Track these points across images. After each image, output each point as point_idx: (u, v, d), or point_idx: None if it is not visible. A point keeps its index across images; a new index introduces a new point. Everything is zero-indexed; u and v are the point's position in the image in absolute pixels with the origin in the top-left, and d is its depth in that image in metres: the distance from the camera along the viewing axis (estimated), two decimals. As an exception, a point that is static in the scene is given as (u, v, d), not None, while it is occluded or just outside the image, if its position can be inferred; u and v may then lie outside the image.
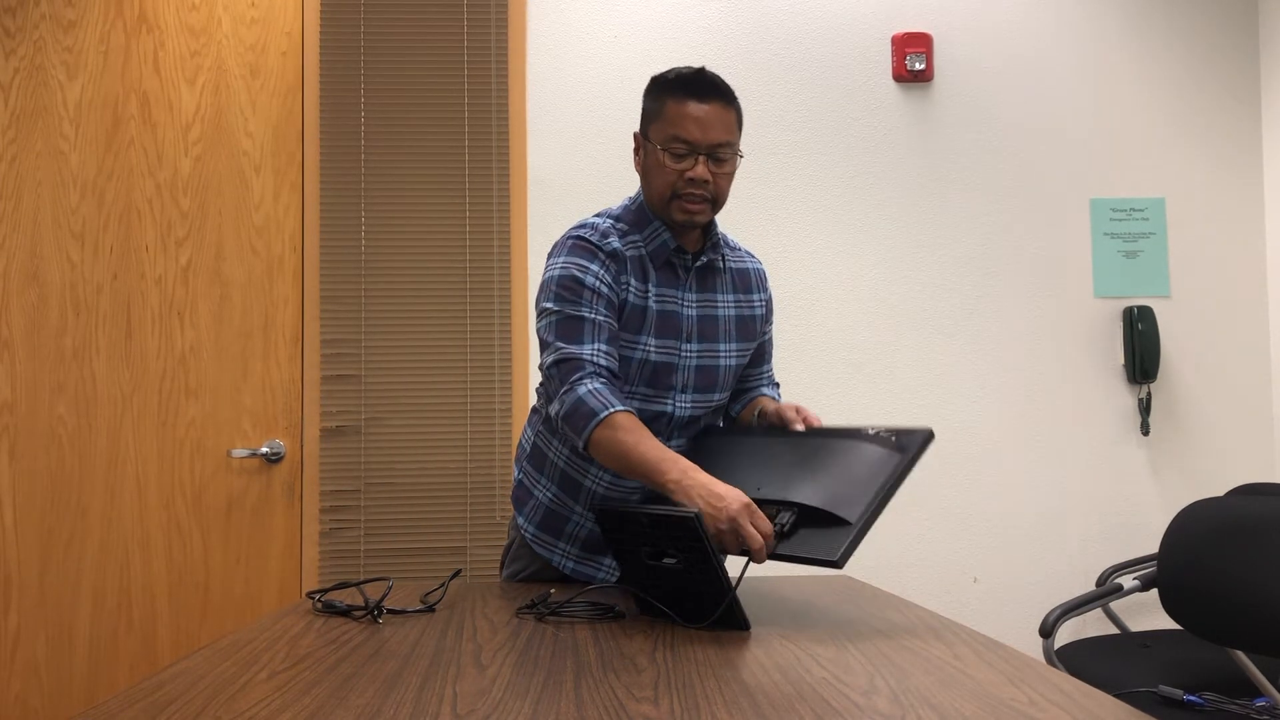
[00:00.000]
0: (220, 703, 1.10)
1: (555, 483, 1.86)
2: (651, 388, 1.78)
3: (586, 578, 1.88)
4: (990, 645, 1.34)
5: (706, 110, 1.71)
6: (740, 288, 1.88)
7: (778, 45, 2.94)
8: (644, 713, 1.04)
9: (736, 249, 1.93)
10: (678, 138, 1.71)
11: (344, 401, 2.74)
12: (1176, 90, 3.01)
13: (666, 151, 1.73)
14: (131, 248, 2.77)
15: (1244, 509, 2.28)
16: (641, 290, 1.77)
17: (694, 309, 1.81)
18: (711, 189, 1.73)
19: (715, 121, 1.71)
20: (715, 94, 1.72)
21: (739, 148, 1.77)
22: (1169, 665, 2.42)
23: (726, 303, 1.85)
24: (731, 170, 1.75)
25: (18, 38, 2.76)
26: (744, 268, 1.91)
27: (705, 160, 1.71)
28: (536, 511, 1.89)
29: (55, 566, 2.70)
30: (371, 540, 2.72)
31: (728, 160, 1.74)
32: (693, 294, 1.81)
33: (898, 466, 1.49)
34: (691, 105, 1.71)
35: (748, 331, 1.88)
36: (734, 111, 1.74)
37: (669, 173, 1.73)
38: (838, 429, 1.64)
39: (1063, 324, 2.95)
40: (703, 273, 1.83)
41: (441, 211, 2.79)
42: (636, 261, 1.77)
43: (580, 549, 1.88)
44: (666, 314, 1.78)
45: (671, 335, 1.79)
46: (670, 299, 1.79)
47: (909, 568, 2.88)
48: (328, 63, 2.79)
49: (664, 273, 1.79)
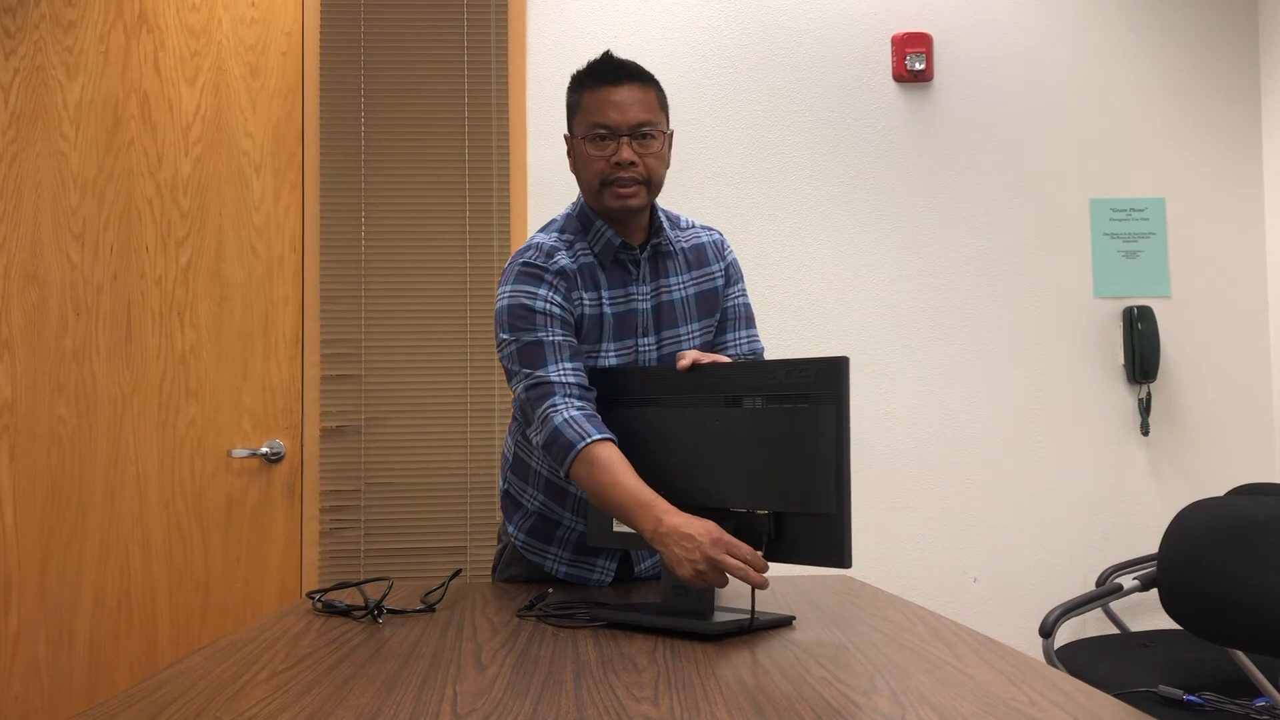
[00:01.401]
0: (220, 703, 1.10)
1: (542, 491, 1.87)
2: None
3: (580, 580, 1.88)
4: (990, 645, 1.34)
5: (622, 92, 1.71)
6: (695, 264, 1.86)
7: (778, 45, 2.94)
8: (644, 713, 1.04)
9: (690, 227, 1.90)
10: (598, 124, 1.71)
11: (344, 401, 2.74)
12: (1176, 90, 3.01)
13: (590, 140, 1.73)
14: (132, 248, 2.77)
15: (1244, 509, 2.28)
16: (595, 299, 1.77)
17: (648, 301, 1.81)
18: (641, 170, 1.71)
19: (633, 102, 1.71)
20: (628, 76, 1.72)
21: (666, 127, 1.76)
22: (1169, 665, 2.42)
23: (682, 284, 1.84)
24: (659, 150, 1.74)
25: (18, 38, 2.76)
26: (697, 243, 1.88)
27: (629, 142, 1.71)
28: (526, 519, 1.90)
29: (55, 566, 2.70)
30: (371, 540, 2.72)
31: (653, 139, 1.72)
32: (646, 285, 1.81)
33: (836, 418, 1.43)
34: (606, 90, 1.71)
35: (709, 306, 1.86)
36: (653, 91, 1.74)
37: (596, 161, 1.72)
38: (743, 366, 1.57)
39: (1063, 324, 2.95)
40: (654, 260, 1.82)
41: (441, 211, 2.79)
42: (586, 270, 1.77)
43: (572, 552, 1.88)
44: (622, 315, 1.79)
45: (628, 335, 1.79)
46: (624, 298, 1.79)
47: (909, 568, 2.88)
48: (328, 63, 2.79)
49: (615, 272, 1.79)
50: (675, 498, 1.55)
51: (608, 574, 1.88)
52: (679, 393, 1.62)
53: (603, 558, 1.88)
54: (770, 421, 1.49)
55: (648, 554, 1.89)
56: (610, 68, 1.73)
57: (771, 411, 1.50)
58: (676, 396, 1.62)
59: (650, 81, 1.74)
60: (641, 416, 1.66)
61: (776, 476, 1.48)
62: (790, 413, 1.48)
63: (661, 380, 1.65)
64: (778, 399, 1.49)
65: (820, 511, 1.43)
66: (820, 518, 1.44)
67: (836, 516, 1.42)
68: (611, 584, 1.89)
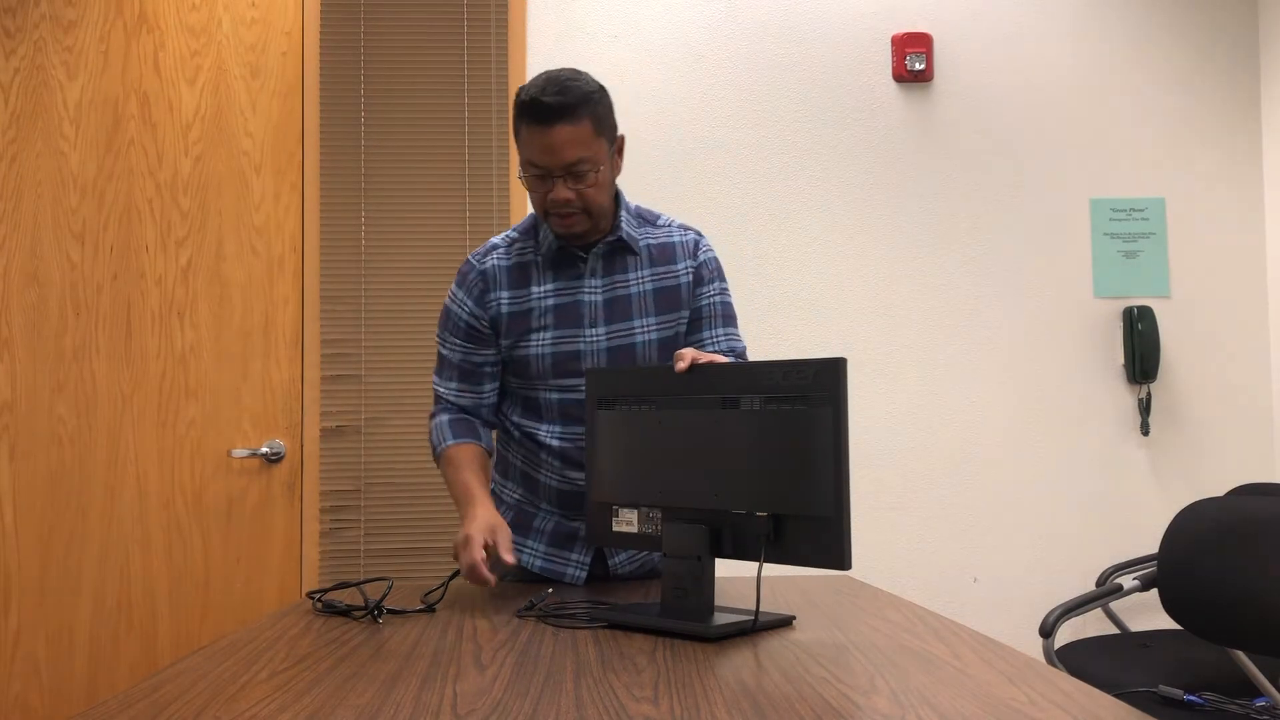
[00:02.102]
0: (220, 703, 1.10)
1: (519, 484, 1.94)
2: (564, 378, 1.83)
3: (556, 575, 1.90)
4: (990, 645, 1.34)
5: (552, 135, 1.69)
6: (658, 260, 1.88)
7: (778, 45, 2.94)
8: (644, 713, 1.04)
9: (666, 225, 1.92)
10: (531, 163, 1.74)
11: (344, 401, 2.74)
12: (1176, 90, 3.01)
13: (528, 176, 1.77)
14: (131, 248, 2.77)
15: (1244, 509, 2.28)
16: (522, 295, 1.84)
17: (599, 294, 1.84)
18: (578, 204, 1.75)
19: (563, 144, 1.70)
20: (557, 116, 1.69)
21: (605, 153, 1.76)
22: (1169, 665, 2.42)
23: (641, 279, 1.86)
24: (599, 181, 1.75)
25: (18, 38, 2.76)
26: (667, 242, 1.90)
27: (564, 181, 1.73)
28: (505, 514, 1.94)
29: (55, 566, 2.70)
30: (371, 540, 2.72)
31: (588, 174, 1.73)
32: (597, 279, 1.85)
33: (834, 420, 1.42)
34: (537, 132, 1.70)
35: (670, 302, 1.88)
36: (586, 122, 1.71)
37: (535, 193, 1.78)
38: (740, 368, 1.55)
39: (1063, 324, 2.95)
40: (610, 257, 1.86)
41: (441, 211, 2.79)
42: (518, 269, 1.85)
43: (547, 544, 1.91)
44: (566, 305, 1.84)
45: (572, 324, 1.83)
46: (571, 290, 1.84)
47: (909, 568, 2.88)
48: (328, 63, 2.79)
49: (562, 268, 1.85)
50: (674, 499, 1.55)
51: (582, 568, 1.89)
52: (675, 394, 1.62)
53: (577, 552, 1.89)
54: (767, 423, 1.49)
55: (625, 554, 1.92)
56: (540, 108, 1.69)
57: (769, 413, 1.49)
58: (673, 398, 1.62)
59: (582, 114, 1.70)
60: (638, 418, 1.66)
61: (774, 478, 1.48)
62: (788, 414, 1.47)
63: (658, 381, 1.65)
64: (775, 400, 1.49)
65: (819, 514, 1.43)
66: (819, 520, 1.43)
67: (835, 518, 1.41)
68: (587, 582, 1.90)
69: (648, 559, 1.94)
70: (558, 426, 1.85)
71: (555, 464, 1.86)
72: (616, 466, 1.63)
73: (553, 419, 1.85)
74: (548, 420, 1.86)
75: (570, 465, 1.85)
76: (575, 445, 1.84)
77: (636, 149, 2.89)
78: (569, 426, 1.85)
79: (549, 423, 1.86)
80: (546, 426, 1.86)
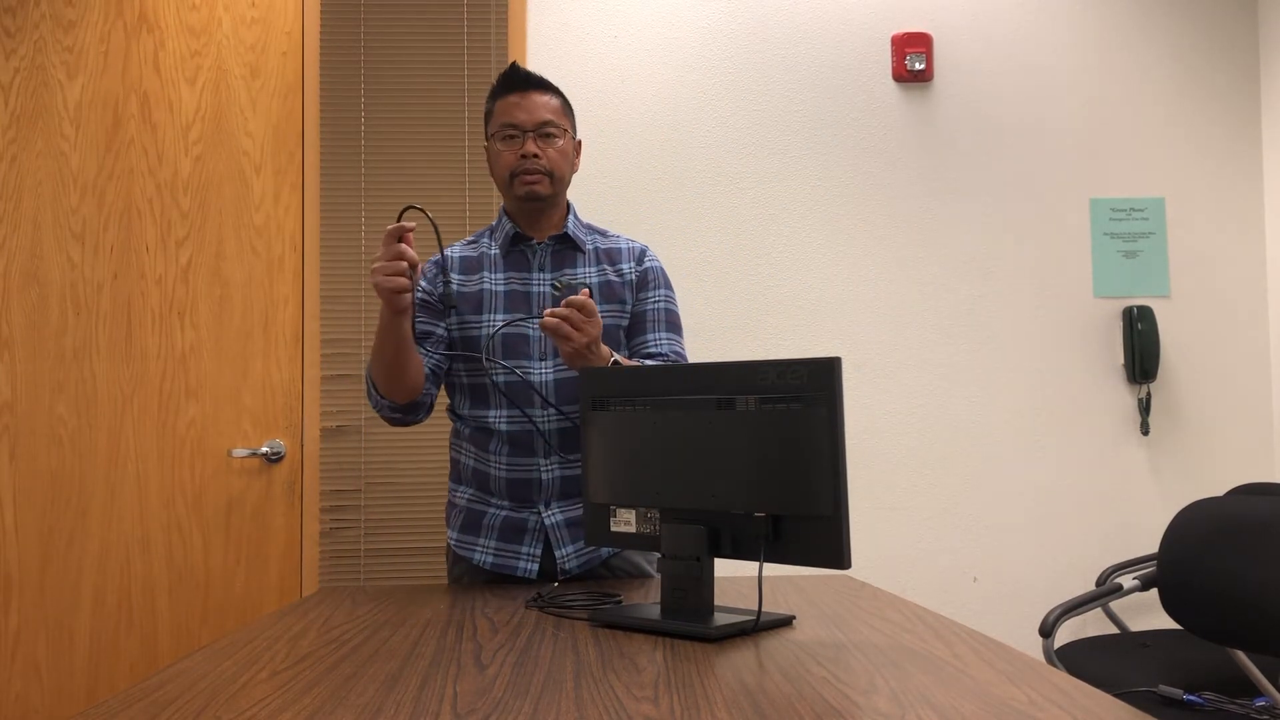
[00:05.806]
0: (220, 703, 1.11)
1: (471, 483, 1.99)
2: (512, 359, 1.94)
3: (507, 570, 1.93)
4: (990, 645, 1.34)
5: (529, 98, 1.94)
6: (605, 261, 2.03)
7: (777, 45, 2.94)
8: (644, 713, 1.04)
9: (616, 236, 2.08)
10: (507, 124, 1.94)
11: (344, 401, 2.74)
12: (1176, 90, 3.01)
13: (501, 139, 1.95)
14: (131, 248, 2.77)
15: (1244, 509, 2.28)
16: (475, 279, 1.98)
17: (547, 285, 1.99)
18: (545, 163, 1.93)
19: (537, 105, 1.94)
20: (533, 85, 1.96)
21: (572, 133, 1.98)
22: (1169, 665, 2.42)
23: (587, 274, 2.01)
24: (564, 149, 1.96)
25: (18, 38, 2.76)
26: (614, 247, 2.05)
27: (534, 139, 1.93)
28: (458, 517, 2.00)
29: (55, 566, 2.70)
30: (371, 540, 2.72)
31: (557, 137, 1.95)
32: (545, 273, 1.99)
33: (829, 419, 1.42)
34: (514, 96, 1.95)
35: (614, 294, 2.00)
36: (558, 98, 1.98)
37: (506, 156, 1.95)
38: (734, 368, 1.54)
39: (1063, 324, 2.95)
40: (559, 255, 2.01)
41: (441, 212, 2.79)
42: (474, 260, 2.01)
43: (497, 539, 1.94)
44: (516, 293, 1.98)
45: (522, 309, 1.97)
46: (519, 280, 1.98)
47: (909, 568, 2.88)
48: (328, 63, 2.79)
49: (514, 261, 2.00)
50: (671, 500, 1.55)
51: (533, 560, 1.92)
52: (670, 394, 1.62)
53: (527, 545, 1.92)
54: (763, 423, 1.49)
55: (572, 545, 1.94)
56: (519, 78, 1.96)
57: (764, 413, 1.49)
58: (667, 398, 1.62)
59: (556, 93, 1.98)
60: (634, 418, 1.66)
61: (772, 478, 1.48)
62: (783, 414, 1.47)
63: (653, 382, 1.65)
64: (770, 400, 1.49)
65: (817, 513, 1.43)
66: (818, 519, 1.43)
67: (834, 518, 1.41)
68: (539, 577, 1.93)
69: (594, 556, 1.96)
70: (505, 411, 1.93)
71: (505, 450, 1.93)
72: (613, 467, 1.63)
73: (500, 404, 1.93)
74: (495, 406, 1.94)
75: (519, 450, 1.92)
76: (523, 429, 1.92)
77: (636, 149, 2.89)
78: (516, 410, 1.92)
79: (497, 408, 1.94)
80: (495, 412, 1.94)
